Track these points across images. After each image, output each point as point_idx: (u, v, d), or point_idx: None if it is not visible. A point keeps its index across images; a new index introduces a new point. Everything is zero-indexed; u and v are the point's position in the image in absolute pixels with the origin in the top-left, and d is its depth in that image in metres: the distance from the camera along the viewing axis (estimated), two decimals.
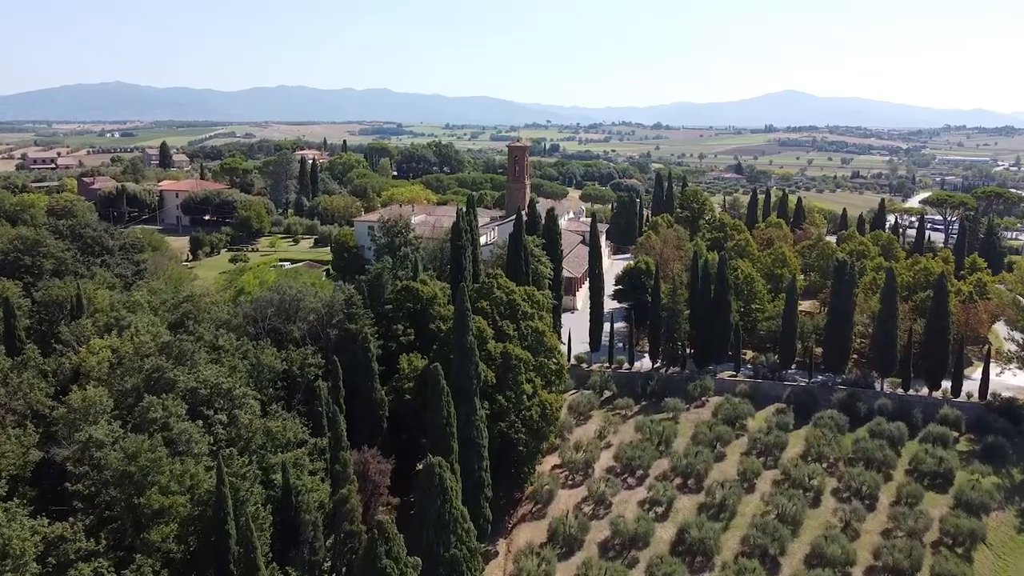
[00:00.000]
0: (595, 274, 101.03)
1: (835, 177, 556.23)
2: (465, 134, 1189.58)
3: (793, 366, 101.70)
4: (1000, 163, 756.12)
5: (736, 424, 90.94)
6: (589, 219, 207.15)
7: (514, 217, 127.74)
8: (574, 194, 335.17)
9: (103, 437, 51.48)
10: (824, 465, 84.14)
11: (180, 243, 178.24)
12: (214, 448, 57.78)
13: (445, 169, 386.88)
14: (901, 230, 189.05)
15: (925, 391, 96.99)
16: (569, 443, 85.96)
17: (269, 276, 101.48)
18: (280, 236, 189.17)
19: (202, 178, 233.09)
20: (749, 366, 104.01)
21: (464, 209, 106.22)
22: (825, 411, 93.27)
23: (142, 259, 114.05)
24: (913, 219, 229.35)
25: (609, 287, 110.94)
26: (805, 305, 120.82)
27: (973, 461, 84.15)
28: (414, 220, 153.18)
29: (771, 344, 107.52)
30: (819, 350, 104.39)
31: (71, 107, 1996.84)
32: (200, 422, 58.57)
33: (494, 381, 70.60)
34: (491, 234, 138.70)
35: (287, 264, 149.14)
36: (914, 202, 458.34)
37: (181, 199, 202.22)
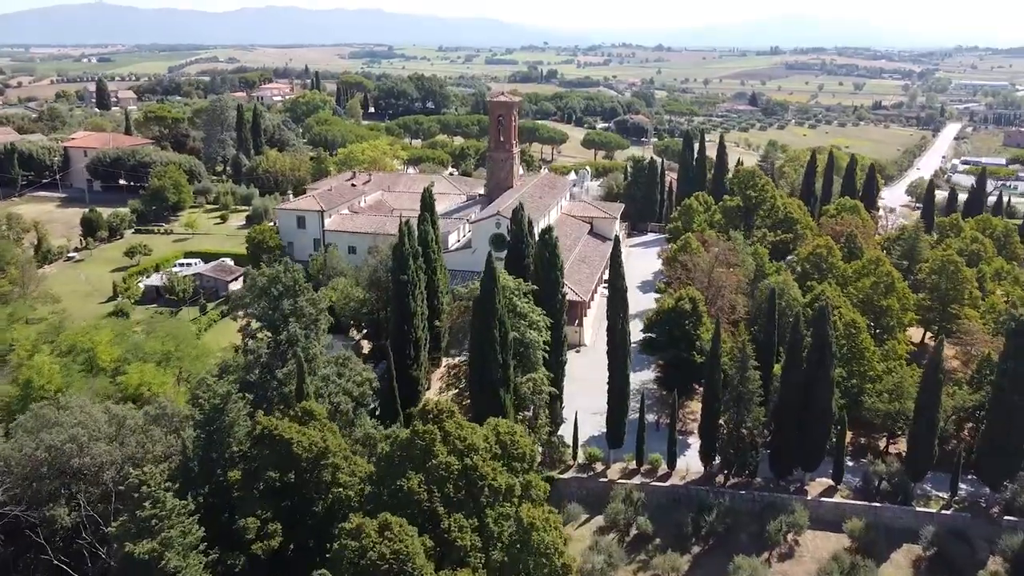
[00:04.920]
0: (618, 329, 63.34)
1: (856, 109, 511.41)
2: (459, 57, 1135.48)
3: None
4: (1020, 88, 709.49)
5: None
6: (595, 183, 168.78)
7: (492, 216, 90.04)
8: (575, 134, 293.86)
9: None
10: None
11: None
12: None
13: (429, 104, 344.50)
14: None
15: None
16: None
17: (100, 337, 63.54)
18: (208, 209, 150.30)
19: (127, 128, 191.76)
20: (850, 461, 67.68)
21: (411, 225, 68.63)
22: (990, 568, 58.00)
23: None
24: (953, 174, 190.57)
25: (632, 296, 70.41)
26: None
27: None
28: (365, 201, 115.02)
29: (880, 424, 70.88)
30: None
31: (53, 30, 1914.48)
32: None
33: None
34: (462, 230, 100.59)
35: (194, 263, 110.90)
36: (948, 137, 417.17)
37: (90, 158, 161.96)
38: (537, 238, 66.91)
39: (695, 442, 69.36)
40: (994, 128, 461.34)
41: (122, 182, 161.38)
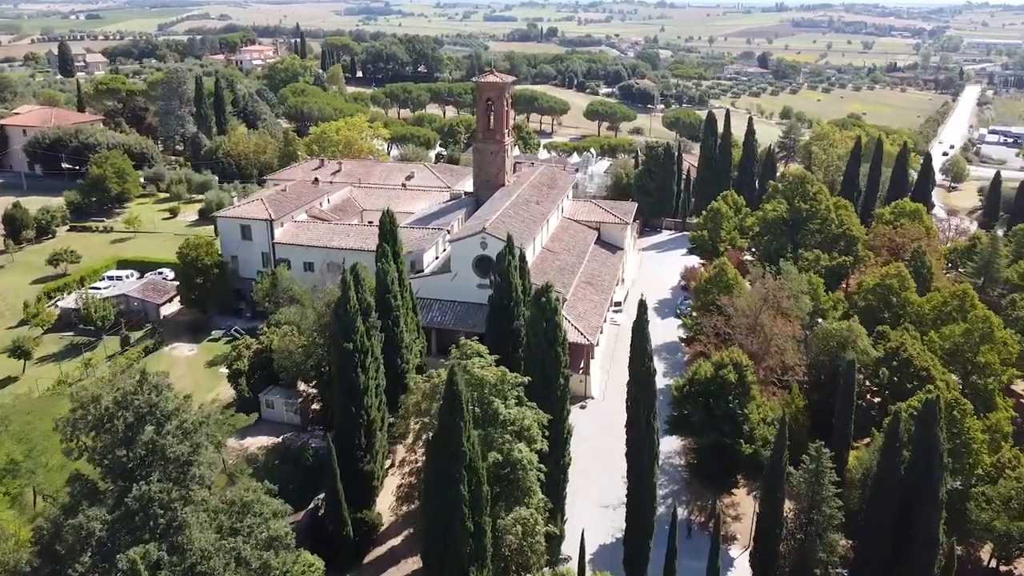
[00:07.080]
0: (643, 427, 45.61)
1: (870, 71, 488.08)
2: (457, 14, 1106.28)
3: None
4: None
5: None
6: (601, 167, 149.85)
7: (476, 235, 71.77)
8: (577, 101, 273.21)
9: None
10: None
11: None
12: None
13: (420, 69, 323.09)
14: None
15: None
16: None
17: None
18: (161, 198, 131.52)
19: (79, 103, 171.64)
20: None
21: (358, 272, 50.70)
22: None
23: None
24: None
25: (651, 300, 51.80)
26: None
27: None
28: (329, 201, 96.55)
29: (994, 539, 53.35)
30: None
31: None
32: None
33: None
34: (441, 245, 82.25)
35: (125, 277, 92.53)
36: (969, 102, 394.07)
37: (28, 139, 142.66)
38: (532, 297, 48.59)
39: (739, 555, 52.36)
40: (1016, 92, 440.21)
41: (67, 166, 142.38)
